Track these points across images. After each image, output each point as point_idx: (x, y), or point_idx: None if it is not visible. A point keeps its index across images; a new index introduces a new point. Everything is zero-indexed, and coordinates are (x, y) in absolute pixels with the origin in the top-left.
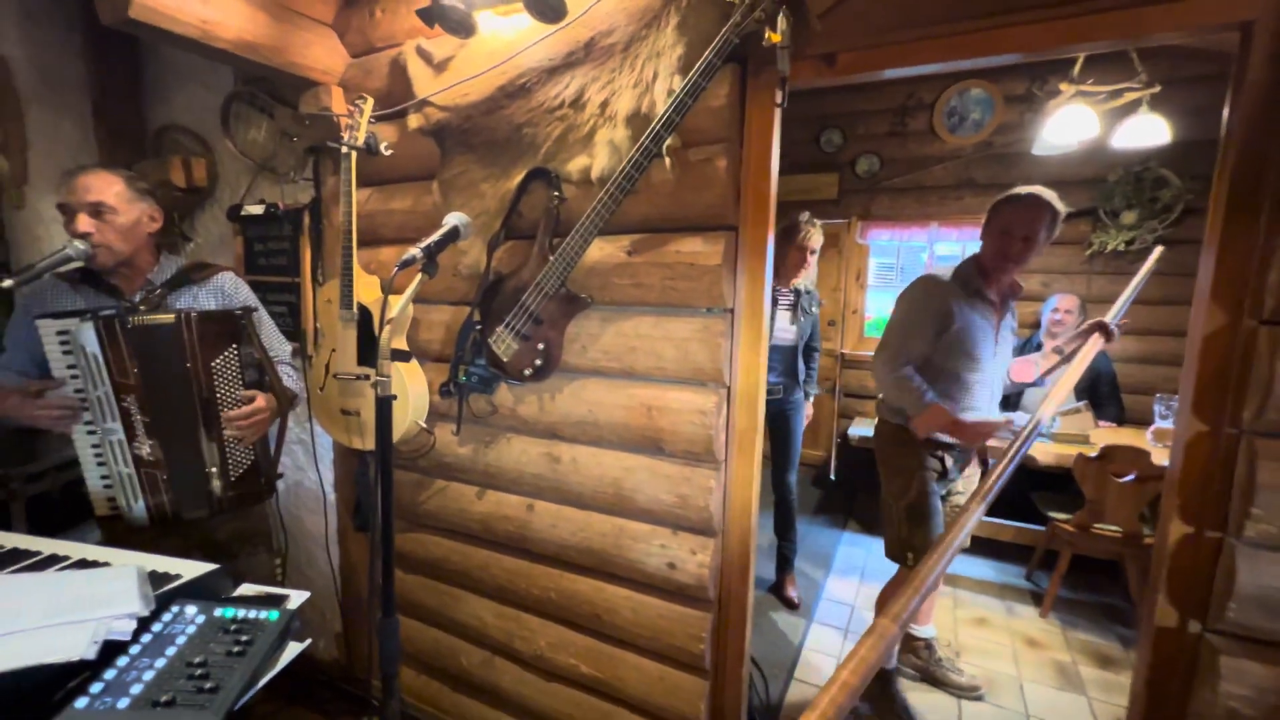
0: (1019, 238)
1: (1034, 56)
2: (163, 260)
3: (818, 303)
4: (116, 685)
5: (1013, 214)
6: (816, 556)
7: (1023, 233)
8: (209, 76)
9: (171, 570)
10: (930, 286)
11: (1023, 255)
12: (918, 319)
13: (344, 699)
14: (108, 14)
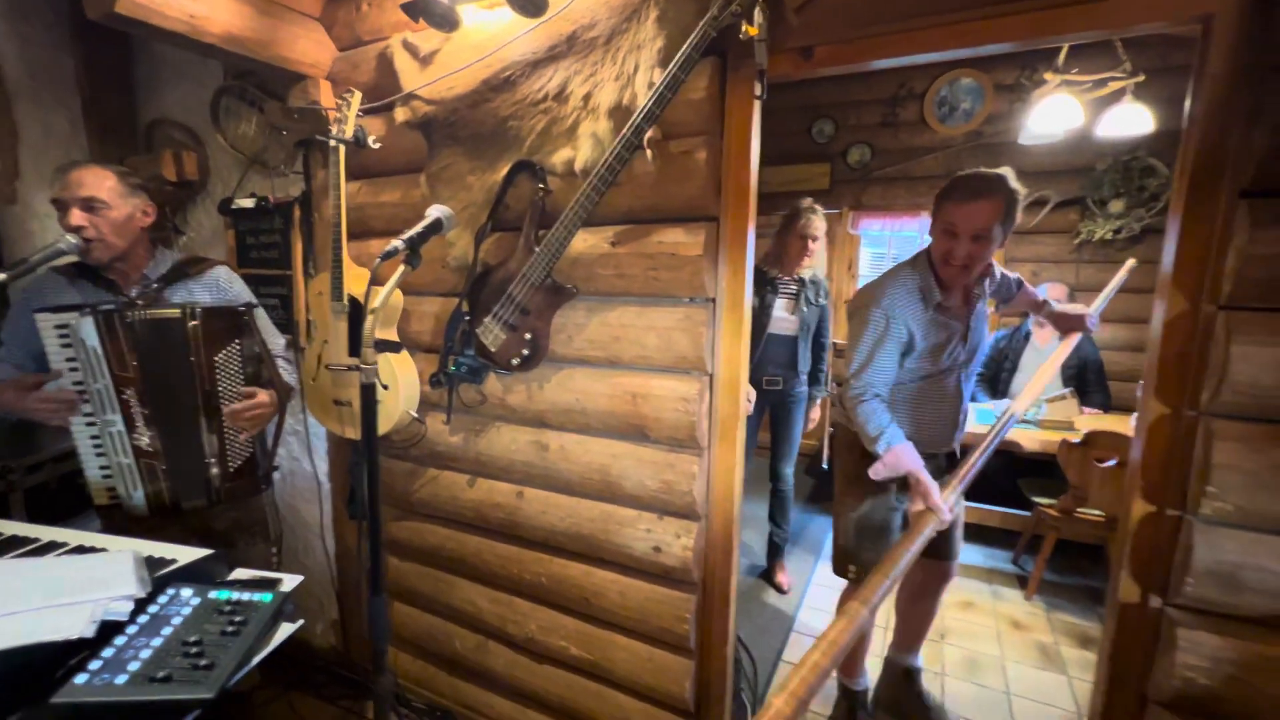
0: (967, 237)
1: (1006, 48)
2: (158, 254)
3: (825, 293)
4: (115, 663)
5: (955, 210)
6: (808, 543)
7: (971, 231)
8: (199, 71)
9: (168, 555)
10: (885, 306)
11: (975, 256)
12: (882, 348)
13: (341, 683)
14: (94, 9)
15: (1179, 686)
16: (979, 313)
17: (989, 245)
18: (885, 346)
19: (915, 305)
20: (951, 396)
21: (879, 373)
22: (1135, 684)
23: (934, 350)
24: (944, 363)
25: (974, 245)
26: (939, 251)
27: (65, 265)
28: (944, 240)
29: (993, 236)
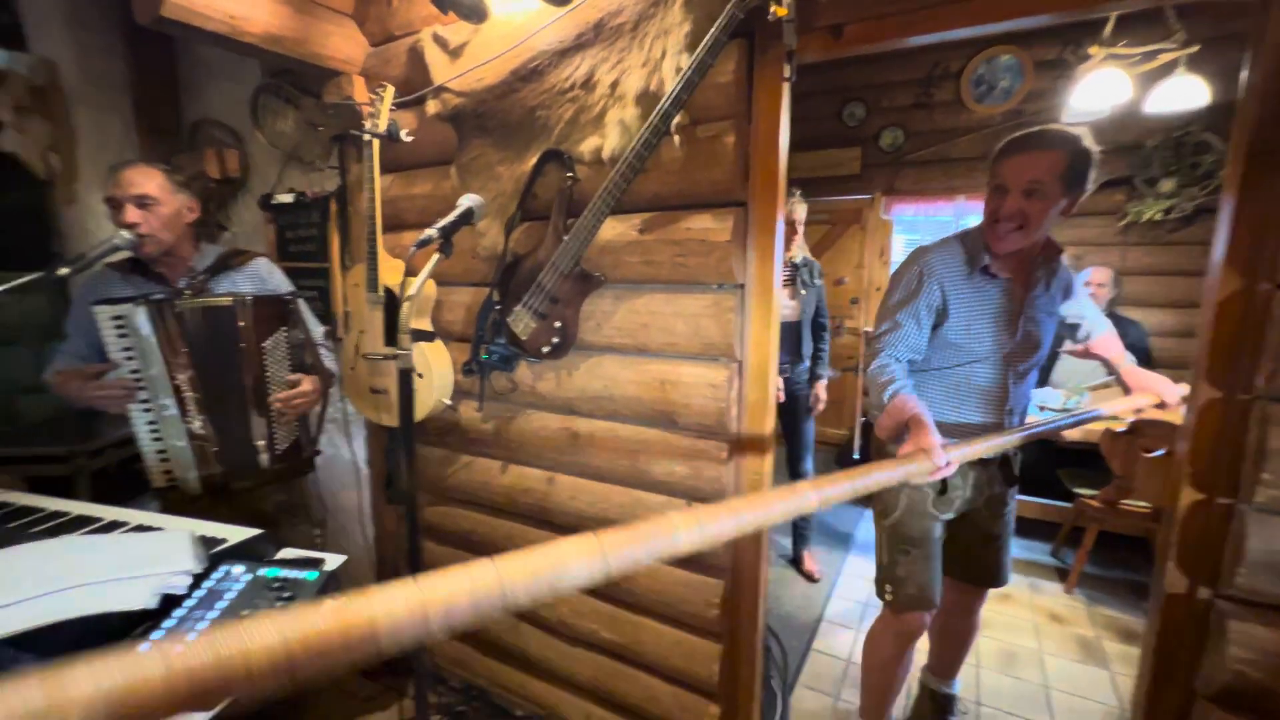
0: (1017, 191)
1: (1051, 19)
2: (203, 248)
3: (819, 273)
4: (175, 633)
5: (1005, 164)
6: (838, 534)
7: (1021, 183)
8: (238, 71)
9: (220, 535)
10: (922, 264)
11: (1028, 214)
12: (909, 309)
13: (381, 660)
14: (143, 14)
15: (1229, 680)
16: (1038, 303)
17: (1046, 205)
18: (913, 307)
19: (956, 265)
20: (995, 394)
21: (904, 337)
22: (1182, 677)
23: (973, 329)
24: (986, 349)
25: (1026, 201)
26: (988, 212)
27: (118, 261)
28: (993, 199)
29: (1049, 194)
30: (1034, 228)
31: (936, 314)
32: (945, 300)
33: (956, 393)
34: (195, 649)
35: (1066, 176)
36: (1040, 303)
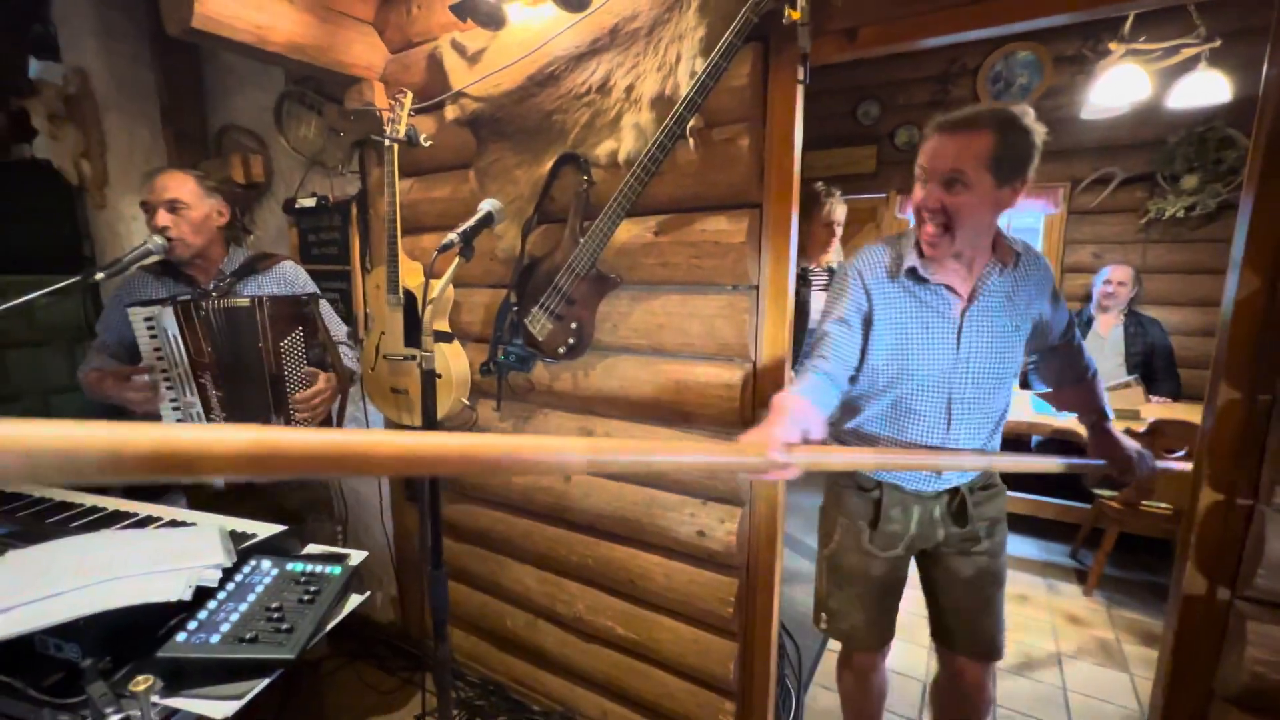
0: (935, 181)
1: (1068, 18)
2: (232, 251)
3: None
4: (209, 624)
5: (927, 148)
6: None
7: (939, 171)
8: (262, 78)
9: (248, 530)
10: (856, 267)
11: (949, 209)
12: (836, 310)
13: (400, 655)
14: (174, 25)
15: (1248, 682)
16: (993, 316)
17: (973, 199)
18: (840, 307)
19: (881, 266)
20: (935, 424)
21: (831, 344)
22: (1200, 679)
23: (904, 343)
24: (921, 367)
25: (947, 194)
26: (912, 208)
27: (151, 264)
28: (915, 192)
29: (974, 184)
30: (961, 226)
31: (863, 314)
32: (869, 302)
33: (894, 421)
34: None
35: (997, 163)
36: (995, 316)
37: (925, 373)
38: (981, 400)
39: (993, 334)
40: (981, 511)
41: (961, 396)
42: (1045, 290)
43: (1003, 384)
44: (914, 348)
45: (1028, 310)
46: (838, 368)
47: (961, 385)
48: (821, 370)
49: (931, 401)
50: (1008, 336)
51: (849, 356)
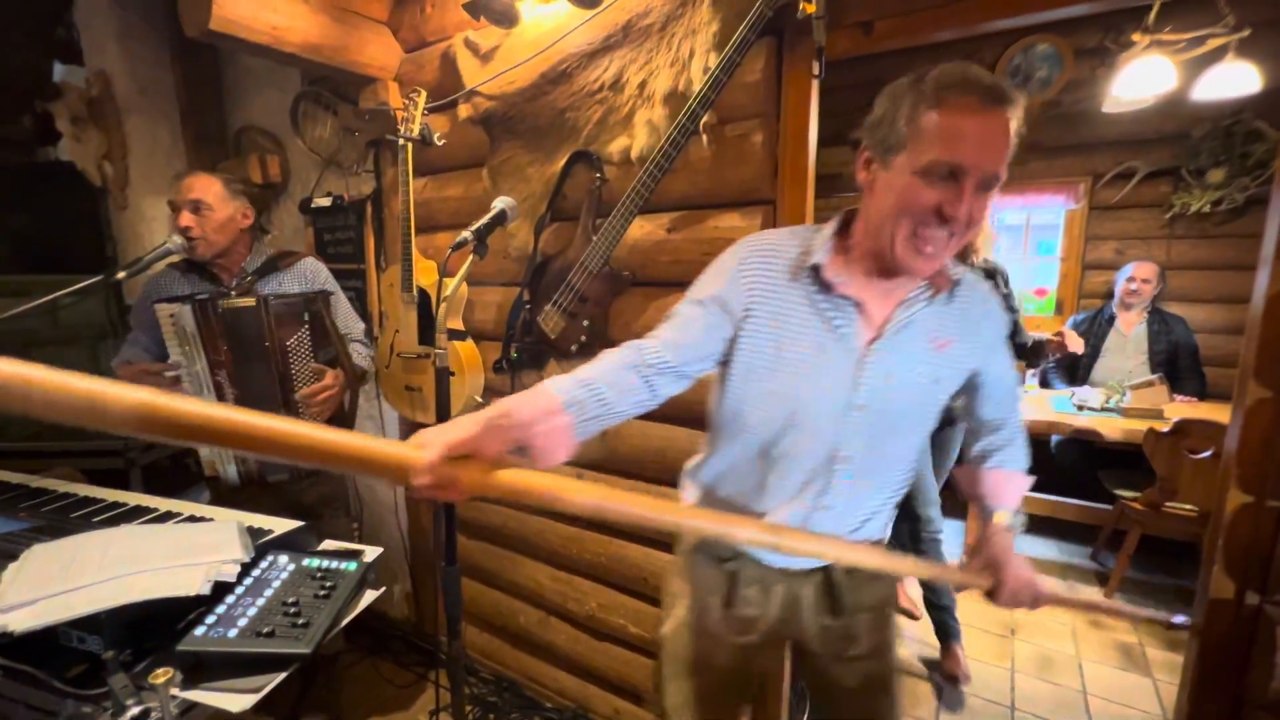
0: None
1: (1089, 8)
2: (255, 250)
3: (1008, 281)
4: (226, 618)
5: (961, 121)
6: None
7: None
8: (279, 79)
9: (265, 525)
10: (745, 245)
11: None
12: (697, 296)
13: (415, 651)
14: (192, 27)
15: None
16: (907, 353)
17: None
18: (706, 289)
19: (780, 256)
20: (809, 482)
21: (672, 322)
22: (1228, 685)
23: (790, 371)
24: (807, 410)
25: (982, 198)
26: (914, 205)
27: (179, 261)
28: (927, 187)
29: (1000, 179)
30: (965, 235)
31: (734, 325)
32: (748, 304)
33: (756, 473)
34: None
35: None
36: (911, 358)
37: (808, 412)
38: (875, 465)
39: (903, 382)
40: (860, 598)
41: (850, 454)
42: (988, 340)
43: (905, 448)
44: (799, 375)
45: (957, 361)
46: (666, 355)
47: (851, 440)
48: (636, 352)
49: (810, 453)
50: (922, 390)
51: (684, 350)
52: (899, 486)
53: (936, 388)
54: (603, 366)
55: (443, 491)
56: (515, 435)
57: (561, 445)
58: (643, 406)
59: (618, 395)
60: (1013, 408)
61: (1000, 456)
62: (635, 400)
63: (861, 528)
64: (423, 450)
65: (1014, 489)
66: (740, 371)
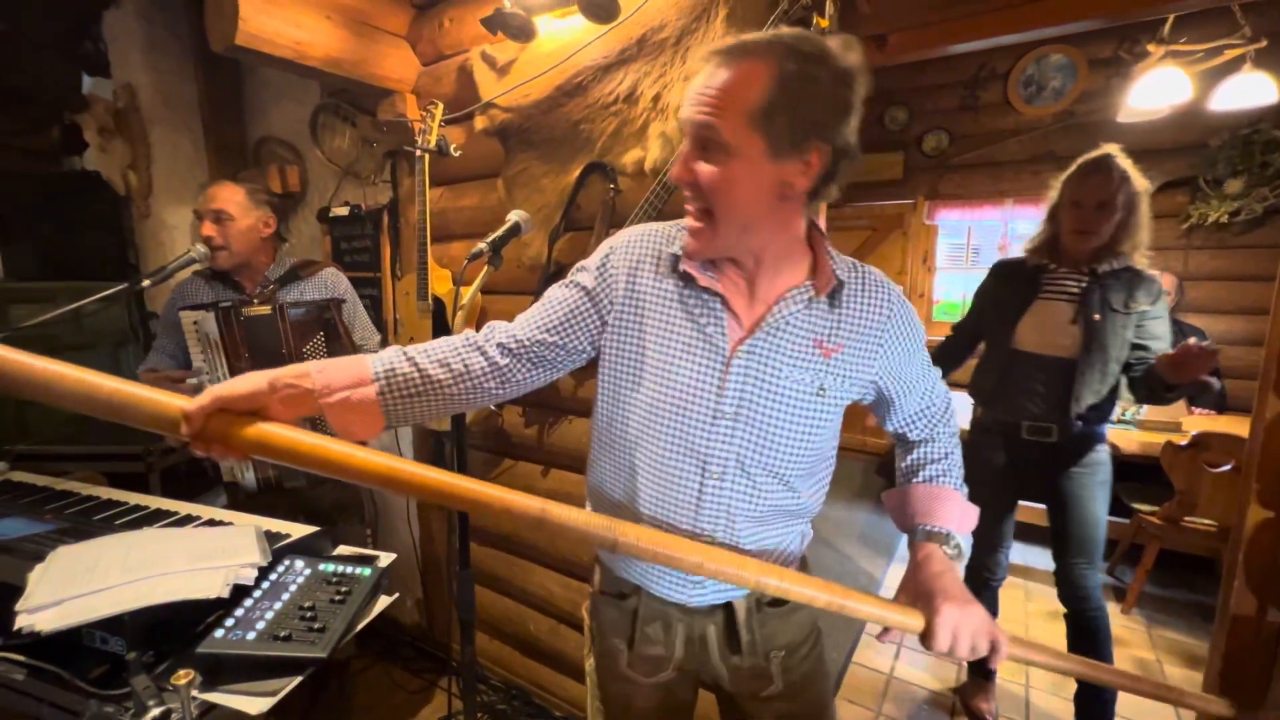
0: (692, 137)
1: (1106, 21)
2: (278, 258)
3: (1157, 294)
4: (245, 621)
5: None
6: (877, 542)
7: (697, 123)
8: (299, 91)
9: (282, 530)
10: (619, 237)
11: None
12: (572, 275)
13: (425, 657)
14: (218, 42)
15: None
16: (772, 363)
17: (730, 166)
18: (567, 279)
19: (651, 248)
20: (683, 509)
21: (537, 304)
22: (1250, 703)
23: (658, 372)
24: (671, 419)
25: (699, 157)
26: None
27: (205, 269)
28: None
29: (733, 146)
30: (721, 213)
31: (600, 318)
32: (616, 298)
33: (633, 484)
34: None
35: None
36: (787, 364)
37: (674, 421)
38: (749, 484)
39: (777, 389)
40: (770, 635)
41: (721, 469)
42: (893, 348)
43: (791, 467)
44: (664, 378)
45: (849, 370)
46: (518, 332)
47: (721, 453)
48: (488, 330)
49: (681, 466)
50: (802, 400)
51: (547, 329)
52: (797, 514)
53: (821, 399)
54: (442, 342)
55: (206, 446)
56: (306, 401)
57: (361, 420)
58: (489, 394)
59: (450, 375)
60: (943, 422)
61: (929, 471)
62: (475, 384)
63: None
64: (191, 401)
65: (947, 507)
66: (607, 371)
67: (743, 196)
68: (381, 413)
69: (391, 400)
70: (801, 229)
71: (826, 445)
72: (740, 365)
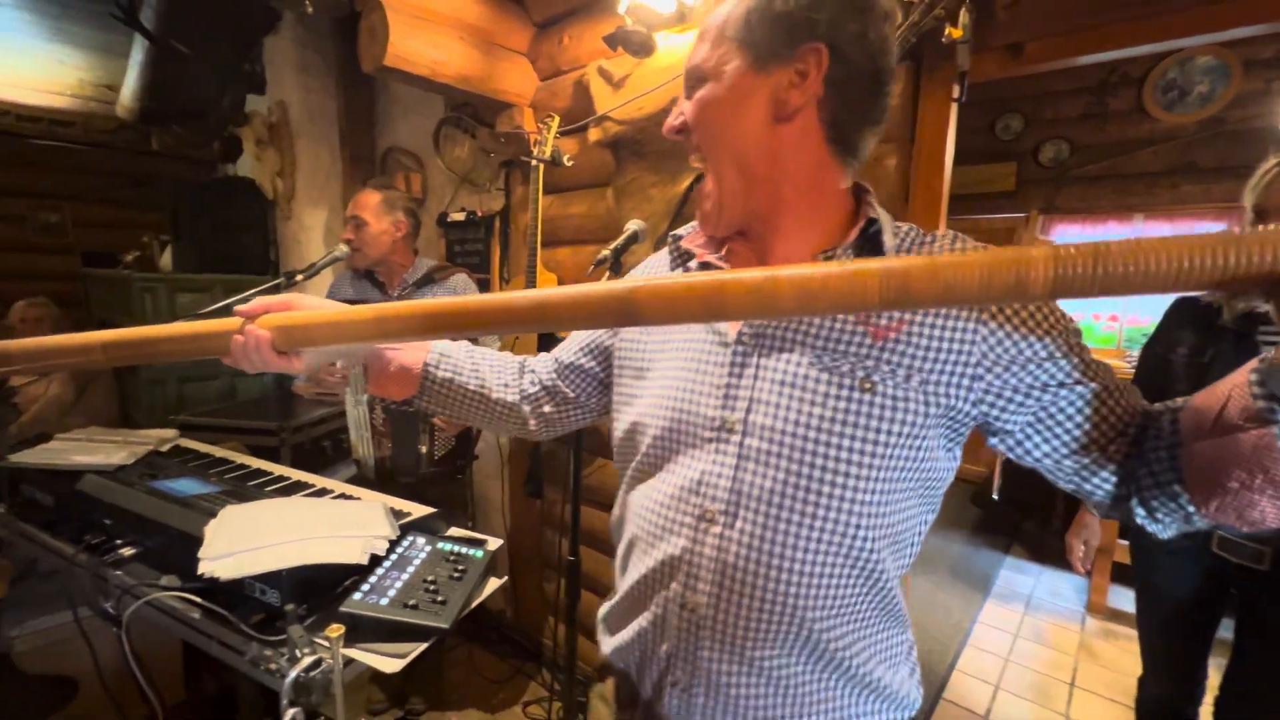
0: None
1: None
2: (417, 261)
3: None
4: (378, 588)
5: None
6: (972, 578)
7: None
8: (424, 106)
9: (403, 509)
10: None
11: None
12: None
13: (510, 643)
14: (369, 63)
15: None
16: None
17: (712, 88)
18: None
19: (660, 257)
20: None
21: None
22: None
23: (651, 389)
24: (669, 440)
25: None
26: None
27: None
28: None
29: (713, 66)
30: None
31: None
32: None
33: (623, 531)
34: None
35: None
36: (822, 343)
37: (671, 437)
38: (774, 541)
39: (804, 388)
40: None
41: (720, 508)
42: (1001, 328)
43: (830, 526)
44: (664, 389)
45: (924, 361)
46: (562, 355)
47: (717, 482)
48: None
49: (672, 498)
50: (843, 402)
51: (569, 350)
52: (829, 620)
53: (870, 396)
54: (502, 356)
55: (246, 354)
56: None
57: (399, 373)
58: (509, 419)
59: (489, 369)
60: (1131, 411)
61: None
62: (503, 383)
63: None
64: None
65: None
66: (614, 394)
67: (726, 119)
68: (419, 375)
69: (434, 369)
70: (834, 186)
71: (893, 474)
72: (745, 357)
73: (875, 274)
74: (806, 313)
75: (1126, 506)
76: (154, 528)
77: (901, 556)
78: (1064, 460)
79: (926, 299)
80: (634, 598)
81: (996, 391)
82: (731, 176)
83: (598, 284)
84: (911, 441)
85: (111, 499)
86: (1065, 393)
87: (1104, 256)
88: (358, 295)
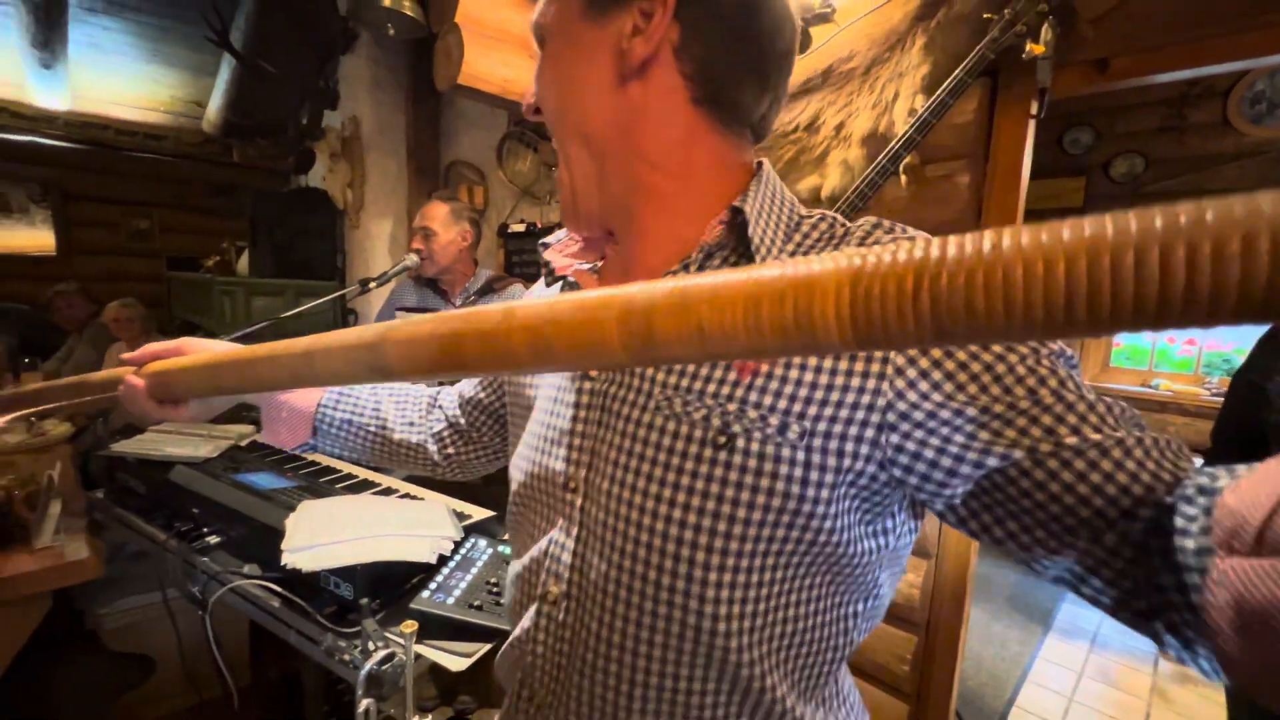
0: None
1: None
2: (478, 271)
3: None
4: (444, 587)
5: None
6: (1033, 609)
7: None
8: (487, 120)
9: (464, 511)
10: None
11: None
12: None
13: None
14: (443, 81)
15: None
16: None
17: (549, 45)
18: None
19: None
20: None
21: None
22: None
23: (517, 434)
24: (524, 500)
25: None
26: None
27: (416, 275)
28: None
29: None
30: (554, 129)
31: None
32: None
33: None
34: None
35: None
36: (656, 392)
37: (525, 494)
38: (610, 643)
39: (647, 443)
40: None
41: (561, 588)
42: (927, 365)
43: (684, 610)
44: (529, 437)
45: (802, 404)
46: (465, 389)
47: (561, 555)
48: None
49: (524, 589)
50: (694, 459)
51: (482, 383)
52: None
53: (729, 463)
54: (412, 388)
55: (128, 403)
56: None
57: (290, 418)
58: (415, 460)
59: (394, 407)
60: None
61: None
62: (407, 422)
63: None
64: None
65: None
66: (510, 434)
67: (564, 84)
68: (309, 423)
69: (328, 413)
70: (714, 163)
71: (767, 560)
72: (589, 395)
73: (615, 308)
74: (544, 368)
75: (1151, 629)
76: (238, 518)
77: (811, 655)
78: (1035, 549)
79: (675, 349)
80: (500, 673)
81: (913, 452)
82: (581, 158)
83: (352, 330)
84: (795, 517)
85: (200, 490)
86: (1019, 456)
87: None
88: (420, 303)
